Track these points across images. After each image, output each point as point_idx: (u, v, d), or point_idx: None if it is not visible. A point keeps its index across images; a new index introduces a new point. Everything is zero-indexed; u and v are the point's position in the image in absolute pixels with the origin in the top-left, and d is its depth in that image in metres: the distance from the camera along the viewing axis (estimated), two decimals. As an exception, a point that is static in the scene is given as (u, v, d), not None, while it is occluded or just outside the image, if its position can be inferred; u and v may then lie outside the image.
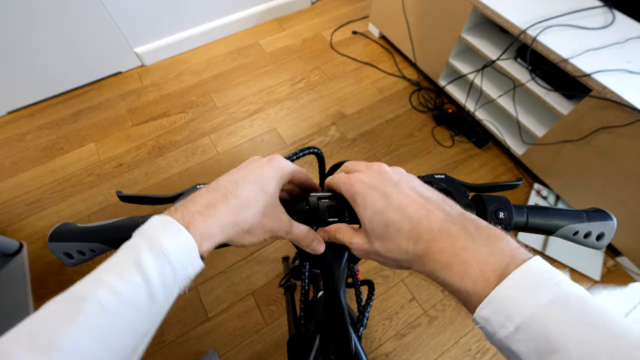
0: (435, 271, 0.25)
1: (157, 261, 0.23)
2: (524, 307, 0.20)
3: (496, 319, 0.21)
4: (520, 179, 0.39)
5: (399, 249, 0.26)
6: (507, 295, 0.21)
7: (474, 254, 0.23)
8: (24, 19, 1.35)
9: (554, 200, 1.31)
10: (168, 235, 0.24)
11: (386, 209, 0.27)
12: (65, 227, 0.35)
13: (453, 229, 0.25)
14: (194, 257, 0.25)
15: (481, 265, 0.22)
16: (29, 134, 1.53)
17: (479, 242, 0.24)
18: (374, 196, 0.28)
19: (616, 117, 0.93)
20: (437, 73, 1.53)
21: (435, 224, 0.25)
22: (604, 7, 1.08)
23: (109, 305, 0.21)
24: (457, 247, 0.24)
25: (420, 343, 1.07)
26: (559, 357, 0.18)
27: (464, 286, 0.23)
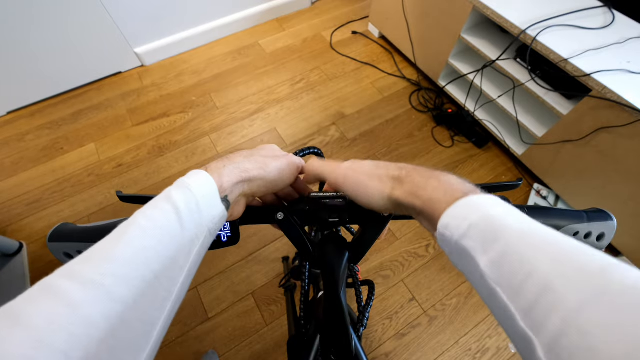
0: (413, 189, 0.29)
1: (182, 193, 0.27)
2: (477, 211, 0.24)
3: (454, 222, 0.25)
4: (520, 180, 0.39)
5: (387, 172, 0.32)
6: (466, 205, 0.25)
7: (449, 179, 0.29)
8: (23, 19, 1.35)
9: (553, 200, 1.31)
10: (191, 176, 0.29)
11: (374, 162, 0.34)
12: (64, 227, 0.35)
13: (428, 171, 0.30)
14: (214, 194, 0.29)
15: (453, 186, 0.27)
16: (29, 134, 1.53)
17: (455, 176, 0.29)
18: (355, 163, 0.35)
19: (616, 117, 0.93)
20: (437, 73, 1.53)
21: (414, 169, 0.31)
22: (603, 7, 1.08)
23: (147, 229, 0.25)
24: (435, 173, 0.30)
25: (420, 343, 1.07)
26: (499, 245, 0.22)
27: (436, 196, 0.27)
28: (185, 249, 0.26)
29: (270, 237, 1.24)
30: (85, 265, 0.22)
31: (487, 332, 1.08)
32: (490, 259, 0.22)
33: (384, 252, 1.22)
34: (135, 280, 0.22)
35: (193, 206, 0.27)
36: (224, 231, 0.36)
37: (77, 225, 0.35)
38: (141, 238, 0.24)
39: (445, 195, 0.27)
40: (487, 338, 1.07)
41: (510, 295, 0.20)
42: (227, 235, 0.36)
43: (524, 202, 1.32)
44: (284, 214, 0.35)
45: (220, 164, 0.31)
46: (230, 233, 0.35)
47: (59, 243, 0.34)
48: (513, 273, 0.20)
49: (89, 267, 0.22)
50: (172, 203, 0.26)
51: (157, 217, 0.26)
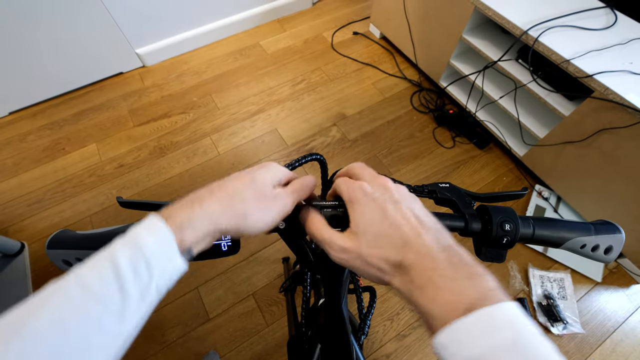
0: (411, 289, 0.26)
1: (129, 253, 0.23)
2: (474, 346, 0.21)
3: (450, 347, 0.22)
4: (525, 189, 0.39)
5: (386, 260, 0.27)
6: (465, 329, 0.22)
7: (450, 285, 0.24)
8: (25, 20, 1.35)
9: (555, 201, 1.30)
10: (143, 229, 0.25)
11: (382, 222, 0.28)
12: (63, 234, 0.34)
13: (438, 257, 0.26)
14: (171, 250, 0.25)
15: (454, 296, 0.23)
16: (31, 134, 1.53)
17: (458, 274, 0.25)
18: (373, 208, 0.29)
19: (618, 119, 0.93)
20: (438, 74, 1.52)
21: (423, 248, 0.26)
22: (605, 8, 1.08)
23: (74, 298, 0.21)
24: (436, 274, 0.25)
25: (421, 344, 1.07)
26: None
27: (431, 310, 0.24)
28: (126, 318, 0.23)
29: (271, 238, 1.24)
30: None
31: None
32: None
33: (385, 253, 1.22)
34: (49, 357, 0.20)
35: (142, 269, 0.23)
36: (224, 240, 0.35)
37: (76, 232, 0.35)
38: (65, 310, 0.21)
39: (442, 310, 0.23)
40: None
41: None
42: (227, 245, 0.35)
43: (526, 203, 1.32)
44: (285, 222, 0.35)
45: (186, 214, 0.26)
46: (230, 242, 0.35)
47: (57, 250, 0.33)
48: None
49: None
50: (115, 266, 0.23)
51: (92, 283, 0.22)
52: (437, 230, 0.28)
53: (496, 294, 0.23)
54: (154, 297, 0.25)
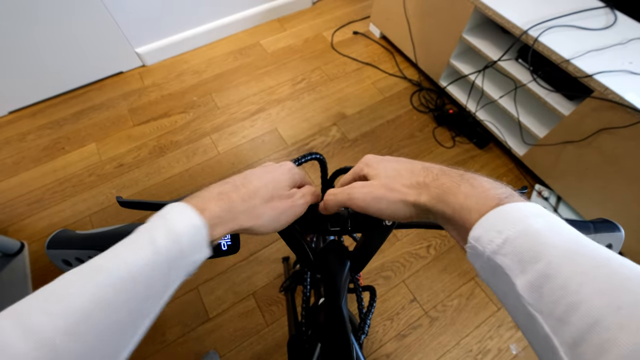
0: (442, 194, 0.26)
1: (171, 242, 0.25)
2: (515, 224, 0.21)
3: (487, 235, 0.22)
4: (525, 187, 0.39)
5: (410, 181, 0.29)
6: (502, 216, 0.22)
7: (482, 182, 0.26)
8: (24, 19, 1.35)
9: (555, 201, 1.31)
10: (182, 215, 0.27)
11: (399, 162, 0.32)
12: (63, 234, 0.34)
13: (461, 170, 0.28)
14: (203, 243, 0.27)
15: (487, 191, 0.25)
16: (31, 133, 1.53)
17: (486, 178, 0.27)
18: (387, 159, 0.33)
19: (618, 118, 0.93)
20: (438, 73, 1.52)
21: (444, 167, 0.29)
22: (605, 8, 1.08)
23: (122, 279, 0.23)
24: (466, 177, 0.27)
25: (421, 344, 1.07)
26: (541, 264, 0.19)
27: (467, 203, 0.24)
28: (158, 297, 0.25)
29: (271, 238, 1.24)
30: (40, 316, 0.20)
31: (488, 333, 1.08)
32: (529, 281, 0.19)
33: (385, 253, 1.22)
34: (92, 337, 0.21)
35: (176, 254, 0.25)
36: (224, 240, 0.35)
37: (76, 231, 0.35)
38: (108, 288, 0.22)
39: (477, 202, 0.24)
40: (488, 339, 1.07)
41: (553, 325, 0.18)
42: (227, 244, 0.35)
43: (525, 203, 1.32)
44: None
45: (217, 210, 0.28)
46: (230, 242, 0.35)
47: (57, 250, 0.33)
48: (556, 301, 0.18)
49: (45, 319, 0.20)
50: (154, 248, 0.24)
51: (134, 263, 0.24)
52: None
53: (523, 198, 0.25)
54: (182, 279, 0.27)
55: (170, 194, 1.36)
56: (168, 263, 0.25)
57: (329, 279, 0.39)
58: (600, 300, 0.17)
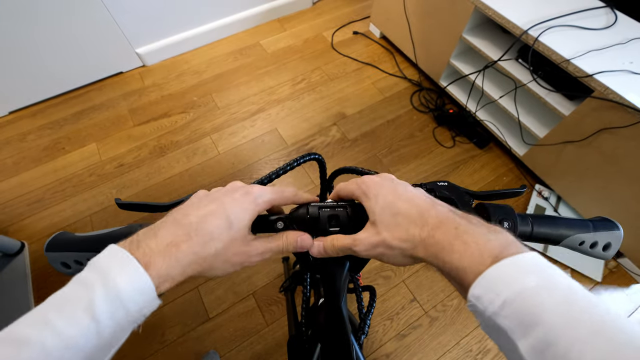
0: (437, 252, 0.26)
1: (110, 304, 0.23)
2: (511, 284, 0.21)
3: (486, 296, 0.22)
4: (524, 186, 0.39)
5: (407, 234, 0.28)
6: (498, 275, 0.22)
7: (475, 238, 0.25)
8: (25, 19, 1.35)
9: (555, 201, 1.30)
10: (125, 275, 0.24)
11: (396, 201, 0.30)
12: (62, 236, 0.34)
13: (457, 219, 0.27)
14: (150, 298, 0.25)
15: (480, 248, 0.24)
16: (31, 133, 1.53)
17: (480, 230, 0.26)
18: (385, 191, 0.31)
19: (618, 118, 0.93)
20: (438, 73, 1.52)
21: (441, 213, 0.28)
22: (605, 8, 1.08)
23: (53, 351, 0.20)
24: (459, 231, 0.26)
25: (421, 344, 1.07)
26: (541, 329, 0.19)
27: (462, 264, 0.24)
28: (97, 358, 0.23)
29: (271, 238, 1.24)
30: None
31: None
32: (532, 345, 0.20)
33: (385, 252, 1.22)
34: None
35: (121, 317, 0.23)
36: None
37: (75, 234, 0.35)
38: None
39: (471, 262, 0.24)
40: (488, 339, 1.07)
41: None
42: None
43: (526, 202, 1.32)
44: (284, 223, 0.35)
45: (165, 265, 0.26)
46: None
47: (56, 253, 0.33)
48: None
49: None
50: (94, 318, 0.22)
51: (69, 334, 0.21)
52: (448, 205, 0.30)
53: (518, 245, 0.24)
54: (127, 335, 0.25)
55: (170, 194, 1.36)
56: (112, 328, 0.23)
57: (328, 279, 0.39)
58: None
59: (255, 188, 0.33)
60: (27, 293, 1.13)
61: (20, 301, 1.11)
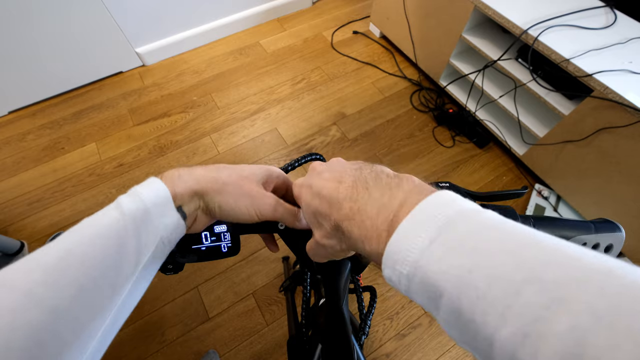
0: (351, 246, 0.23)
1: (132, 201, 0.26)
2: (407, 256, 0.18)
3: (395, 276, 0.19)
4: (525, 187, 0.39)
5: (328, 234, 0.25)
6: (396, 249, 0.19)
7: (367, 210, 0.21)
8: (24, 19, 1.35)
9: (555, 200, 1.30)
10: (144, 184, 0.28)
11: (311, 200, 0.27)
12: None
13: (355, 192, 0.23)
14: (166, 200, 0.27)
15: (373, 220, 0.21)
16: (30, 133, 1.53)
17: (372, 195, 0.22)
18: (305, 192, 0.28)
19: (618, 118, 0.93)
20: (438, 73, 1.52)
21: (342, 193, 0.24)
22: (605, 7, 1.08)
23: (88, 236, 0.24)
24: (355, 210, 0.22)
25: (421, 343, 1.07)
26: (445, 300, 0.17)
27: (367, 250, 0.21)
28: (131, 257, 0.25)
29: (271, 237, 1.24)
30: (17, 273, 0.21)
31: None
32: (444, 320, 0.17)
33: (385, 252, 1.22)
34: (68, 287, 0.21)
35: (142, 214, 0.26)
36: (224, 242, 0.35)
37: None
38: (79, 244, 0.23)
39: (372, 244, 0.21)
40: (487, 339, 1.07)
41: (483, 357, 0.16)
42: (228, 246, 0.35)
43: (525, 202, 1.32)
44: None
45: (176, 172, 0.29)
46: (230, 243, 0.35)
47: None
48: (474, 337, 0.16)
49: (21, 275, 0.21)
50: (120, 210, 0.25)
51: (102, 223, 0.25)
52: (361, 167, 0.25)
53: (420, 190, 0.20)
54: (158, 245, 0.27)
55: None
56: (135, 223, 0.25)
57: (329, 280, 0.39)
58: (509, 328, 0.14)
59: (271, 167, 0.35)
60: (27, 293, 1.13)
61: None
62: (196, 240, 0.33)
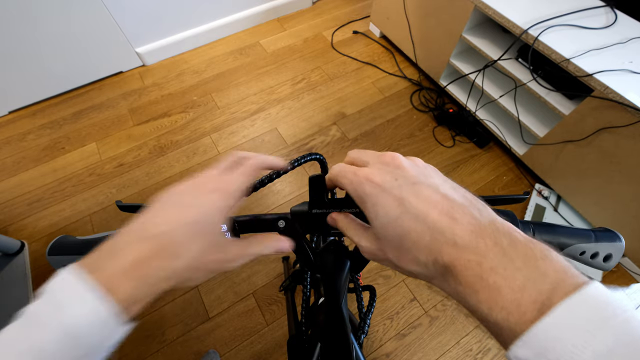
0: (459, 293, 0.20)
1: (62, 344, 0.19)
2: (574, 348, 0.15)
3: None
4: (527, 193, 0.39)
5: (417, 263, 0.22)
6: (552, 336, 0.16)
7: (507, 278, 0.18)
8: (24, 19, 1.35)
9: (555, 200, 1.30)
10: (84, 309, 0.20)
11: (403, 217, 0.22)
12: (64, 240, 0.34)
13: (482, 244, 0.20)
14: (113, 331, 0.21)
15: (516, 293, 0.18)
16: (30, 133, 1.53)
17: (514, 262, 0.19)
18: (388, 201, 0.23)
19: (618, 118, 0.93)
20: (438, 73, 1.52)
21: (461, 236, 0.20)
22: (605, 7, 1.08)
23: None
24: (485, 268, 0.19)
25: (421, 343, 1.07)
26: None
27: (493, 317, 0.18)
28: None
29: (271, 237, 1.24)
30: None
31: (488, 332, 1.08)
32: None
33: (385, 252, 1.22)
34: None
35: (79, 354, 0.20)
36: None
37: (76, 237, 0.35)
38: None
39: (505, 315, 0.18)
40: (488, 338, 1.07)
41: None
42: None
43: (526, 202, 1.32)
44: (286, 222, 0.35)
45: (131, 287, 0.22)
46: None
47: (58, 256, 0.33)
48: None
49: None
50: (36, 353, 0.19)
51: None
52: (471, 205, 0.22)
53: (570, 275, 0.18)
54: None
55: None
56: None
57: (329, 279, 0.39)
58: None
59: (225, 180, 0.28)
60: (27, 292, 1.13)
61: (20, 301, 1.11)
62: None
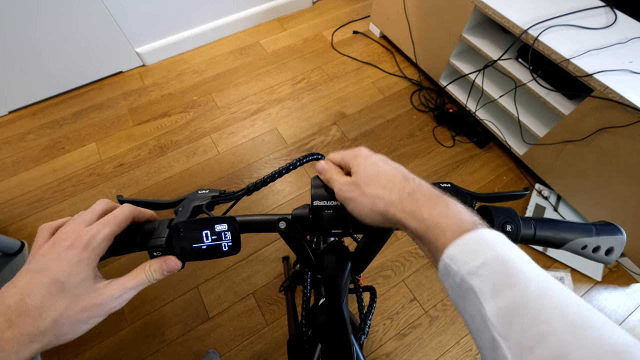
0: (415, 210, 0.27)
1: None
2: (493, 249, 0.22)
3: (462, 256, 0.23)
4: (527, 189, 0.39)
5: (383, 190, 0.29)
6: (478, 240, 0.23)
7: (456, 205, 0.26)
8: (25, 19, 1.35)
9: (555, 200, 1.30)
10: None
11: (384, 165, 0.31)
12: None
13: (439, 191, 0.28)
14: None
15: (461, 215, 0.25)
16: (30, 133, 1.53)
17: (459, 203, 0.27)
18: (375, 158, 0.32)
19: (618, 118, 0.93)
20: (438, 73, 1.52)
21: (424, 185, 0.29)
22: (605, 7, 1.08)
23: None
24: (441, 198, 0.27)
25: (421, 343, 1.07)
26: (514, 293, 0.20)
27: (442, 223, 0.25)
28: None
29: (271, 237, 1.24)
30: None
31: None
32: (499, 307, 0.20)
33: (385, 252, 1.22)
34: None
35: None
36: (224, 240, 0.35)
37: None
38: None
39: (452, 223, 0.24)
40: (488, 338, 1.07)
41: (517, 353, 0.18)
42: (228, 245, 0.35)
43: (526, 202, 1.32)
44: (286, 223, 0.35)
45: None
46: (231, 242, 0.35)
47: None
48: (525, 329, 0.18)
49: None
50: None
51: None
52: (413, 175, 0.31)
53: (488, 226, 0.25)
54: None
55: (170, 193, 1.36)
56: None
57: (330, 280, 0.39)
58: (568, 335, 0.17)
59: (84, 233, 0.27)
60: (27, 293, 1.13)
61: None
62: (197, 239, 0.33)
